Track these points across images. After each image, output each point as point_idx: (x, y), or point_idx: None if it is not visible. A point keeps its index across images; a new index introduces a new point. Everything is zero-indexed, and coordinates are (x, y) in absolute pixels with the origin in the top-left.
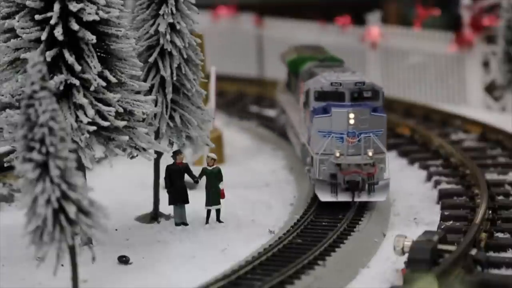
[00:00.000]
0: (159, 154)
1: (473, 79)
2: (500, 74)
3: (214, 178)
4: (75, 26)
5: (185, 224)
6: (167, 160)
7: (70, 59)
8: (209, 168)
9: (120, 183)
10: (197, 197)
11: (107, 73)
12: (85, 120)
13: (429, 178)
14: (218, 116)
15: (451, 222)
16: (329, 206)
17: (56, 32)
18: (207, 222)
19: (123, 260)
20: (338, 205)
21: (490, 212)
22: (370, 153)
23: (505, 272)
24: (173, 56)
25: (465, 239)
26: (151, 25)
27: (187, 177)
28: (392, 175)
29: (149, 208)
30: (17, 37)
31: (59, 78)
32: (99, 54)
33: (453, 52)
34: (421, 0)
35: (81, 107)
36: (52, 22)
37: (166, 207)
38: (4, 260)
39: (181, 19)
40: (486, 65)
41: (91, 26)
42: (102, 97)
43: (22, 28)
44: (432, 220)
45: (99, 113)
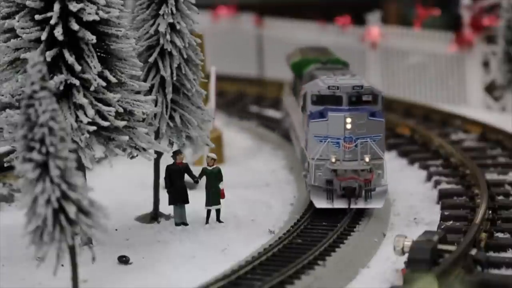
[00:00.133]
0: (159, 154)
1: (473, 79)
2: (500, 74)
3: (214, 178)
4: (75, 26)
5: (185, 224)
6: (167, 160)
7: (70, 59)
8: (209, 168)
9: (120, 183)
10: (197, 197)
11: (107, 73)
12: (85, 120)
13: (429, 178)
14: (218, 116)
15: (451, 222)
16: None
17: (56, 32)
18: (207, 222)
19: (123, 260)
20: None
21: (490, 212)
22: (367, 159)
23: (505, 272)
24: (173, 56)
25: (465, 239)
26: (151, 25)
27: (187, 177)
28: (392, 175)
29: (149, 208)
30: (17, 37)
31: (59, 78)
32: (99, 54)
33: (453, 52)
34: (421, 0)
35: (81, 107)
36: (52, 22)
37: (166, 207)
38: (4, 260)
39: (181, 19)
40: (486, 65)
41: (91, 26)
42: (102, 97)
43: (22, 28)
44: (432, 220)
45: (99, 113)
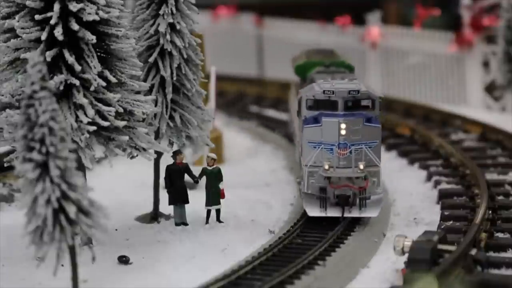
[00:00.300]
0: (159, 154)
1: (473, 79)
2: (500, 74)
3: (214, 178)
4: (75, 26)
5: (185, 224)
6: (167, 160)
7: (70, 59)
8: (209, 168)
9: (120, 183)
10: (197, 197)
11: (107, 73)
12: (85, 120)
13: (429, 178)
14: (218, 116)
15: (451, 222)
16: None
17: (56, 32)
18: (207, 222)
19: (123, 260)
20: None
21: (490, 212)
22: (362, 166)
23: (505, 272)
24: (173, 56)
25: (465, 239)
26: (151, 25)
27: (187, 177)
28: (392, 175)
29: (149, 208)
30: (17, 37)
31: (59, 78)
32: (99, 54)
33: (453, 52)
34: (421, 0)
35: (81, 107)
36: (52, 22)
37: (166, 207)
38: (4, 260)
39: (181, 19)
40: (486, 65)
41: (91, 26)
42: (102, 97)
43: (22, 28)
44: (432, 220)
45: (99, 113)
